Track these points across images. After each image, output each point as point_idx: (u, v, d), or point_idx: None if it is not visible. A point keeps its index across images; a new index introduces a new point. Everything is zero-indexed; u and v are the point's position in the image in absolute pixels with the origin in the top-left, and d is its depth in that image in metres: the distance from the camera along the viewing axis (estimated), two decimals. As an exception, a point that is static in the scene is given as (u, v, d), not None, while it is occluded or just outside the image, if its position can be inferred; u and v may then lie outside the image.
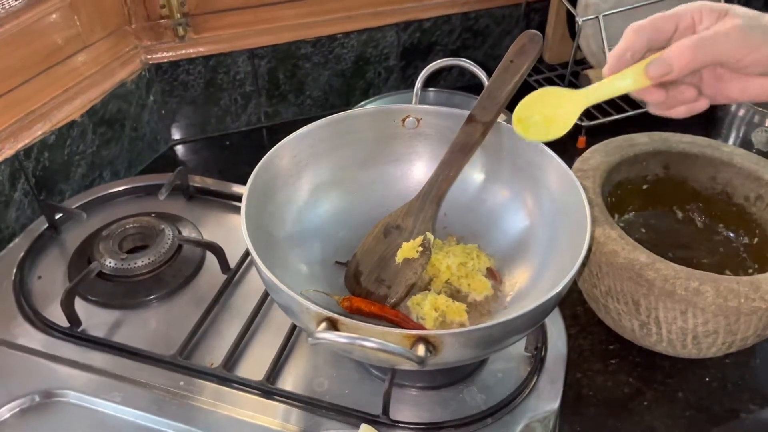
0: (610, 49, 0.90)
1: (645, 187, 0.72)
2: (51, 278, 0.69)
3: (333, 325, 0.46)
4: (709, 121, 0.87)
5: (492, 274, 0.62)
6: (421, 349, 0.45)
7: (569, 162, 0.66)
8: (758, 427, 0.62)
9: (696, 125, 0.98)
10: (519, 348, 0.61)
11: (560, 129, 0.51)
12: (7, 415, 0.56)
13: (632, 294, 0.59)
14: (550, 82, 1.01)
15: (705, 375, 0.66)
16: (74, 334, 0.62)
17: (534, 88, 1.05)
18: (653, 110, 0.50)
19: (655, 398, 0.63)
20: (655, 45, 0.47)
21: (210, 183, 0.80)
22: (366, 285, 0.60)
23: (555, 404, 0.57)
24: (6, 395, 0.57)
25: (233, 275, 0.68)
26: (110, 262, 0.67)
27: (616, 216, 0.71)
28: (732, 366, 0.66)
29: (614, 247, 0.58)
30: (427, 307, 0.58)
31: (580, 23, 0.89)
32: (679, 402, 0.63)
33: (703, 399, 0.64)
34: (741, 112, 0.81)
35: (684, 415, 0.62)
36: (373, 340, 0.45)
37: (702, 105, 0.48)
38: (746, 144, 0.81)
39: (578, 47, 0.92)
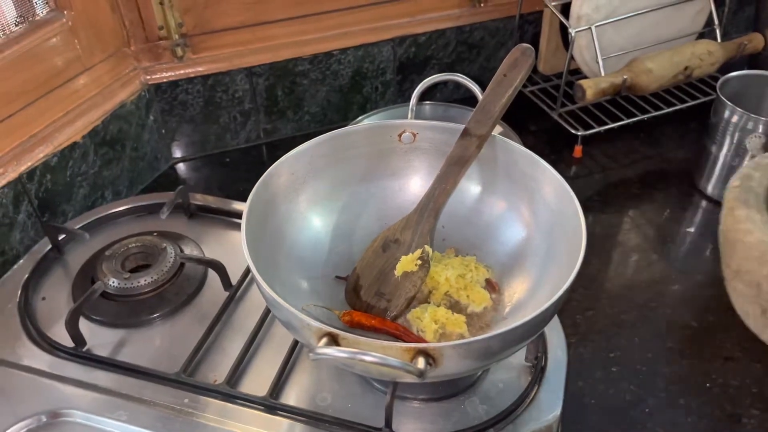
0: (603, 59, 0.92)
1: None
2: (55, 299, 0.69)
3: (334, 341, 0.47)
4: (703, 128, 0.88)
5: (491, 285, 0.63)
6: (420, 362, 0.46)
7: (566, 171, 0.67)
8: (761, 432, 0.63)
9: (691, 132, 1.00)
10: (519, 358, 0.61)
11: None
12: (14, 437, 0.57)
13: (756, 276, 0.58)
14: (545, 93, 1.02)
15: (706, 381, 0.66)
16: (79, 353, 0.63)
17: (529, 100, 1.07)
18: None
19: (657, 405, 0.64)
20: None
21: (211, 201, 0.81)
22: (366, 299, 0.61)
23: (556, 413, 0.58)
24: (13, 416, 0.57)
25: (235, 292, 0.69)
26: (113, 282, 0.68)
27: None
28: (733, 371, 0.67)
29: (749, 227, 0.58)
30: (427, 319, 0.58)
31: (573, 34, 0.90)
32: (680, 408, 0.64)
33: (705, 405, 0.64)
34: (734, 119, 0.81)
35: (686, 421, 0.63)
36: (374, 354, 0.45)
37: None
38: (741, 150, 0.82)
39: (572, 57, 0.93)
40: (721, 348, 0.69)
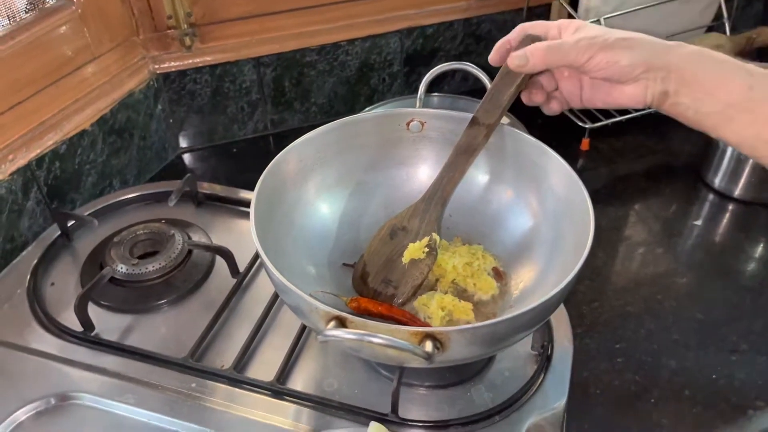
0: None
1: None
2: (64, 284, 0.70)
3: (342, 324, 0.47)
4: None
5: (497, 273, 0.63)
6: (428, 346, 0.46)
7: (573, 164, 0.66)
8: (766, 424, 0.63)
9: (695, 133, 0.99)
10: (526, 346, 0.62)
11: None
12: (23, 418, 0.57)
13: None
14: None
15: (711, 372, 0.66)
16: (88, 338, 0.63)
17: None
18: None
19: (662, 396, 0.64)
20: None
21: (218, 189, 0.81)
22: (373, 286, 0.61)
23: (562, 402, 0.58)
24: (22, 399, 0.58)
25: (242, 279, 0.69)
26: (122, 268, 0.68)
27: None
28: (738, 363, 0.67)
29: None
30: (433, 306, 0.59)
31: (581, 27, 0.90)
32: (685, 400, 0.64)
33: (710, 396, 0.64)
34: (742, 112, 0.81)
35: (691, 412, 0.63)
36: (382, 336, 0.45)
37: (553, 107, 0.60)
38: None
39: (580, 50, 0.93)
40: (727, 341, 0.69)
